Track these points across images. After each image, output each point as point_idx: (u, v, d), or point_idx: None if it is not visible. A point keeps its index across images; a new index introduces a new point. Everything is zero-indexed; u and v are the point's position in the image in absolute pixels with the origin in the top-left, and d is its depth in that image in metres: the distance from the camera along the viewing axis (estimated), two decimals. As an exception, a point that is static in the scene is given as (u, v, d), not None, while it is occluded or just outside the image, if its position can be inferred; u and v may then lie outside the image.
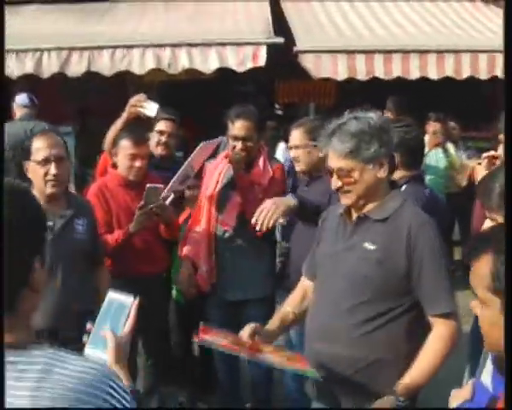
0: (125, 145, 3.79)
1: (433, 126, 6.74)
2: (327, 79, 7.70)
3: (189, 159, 3.70)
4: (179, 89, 8.58)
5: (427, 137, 6.17)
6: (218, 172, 3.85)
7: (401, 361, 2.34)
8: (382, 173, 2.40)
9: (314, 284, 2.61)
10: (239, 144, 3.74)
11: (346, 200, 2.45)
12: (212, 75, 7.43)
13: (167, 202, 3.75)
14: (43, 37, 7.21)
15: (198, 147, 3.70)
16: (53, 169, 3.09)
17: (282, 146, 7.41)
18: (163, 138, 4.28)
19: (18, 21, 7.69)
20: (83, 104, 9.05)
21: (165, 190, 3.68)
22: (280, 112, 10.35)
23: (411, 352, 2.32)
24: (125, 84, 8.48)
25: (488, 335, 1.35)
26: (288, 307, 2.72)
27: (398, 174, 3.05)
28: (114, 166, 3.95)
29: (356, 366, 2.39)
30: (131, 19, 7.94)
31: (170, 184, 3.68)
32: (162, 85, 8.82)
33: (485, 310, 1.32)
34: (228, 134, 3.85)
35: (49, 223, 3.18)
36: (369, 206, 2.44)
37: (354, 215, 2.47)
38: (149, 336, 4.02)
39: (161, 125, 4.39)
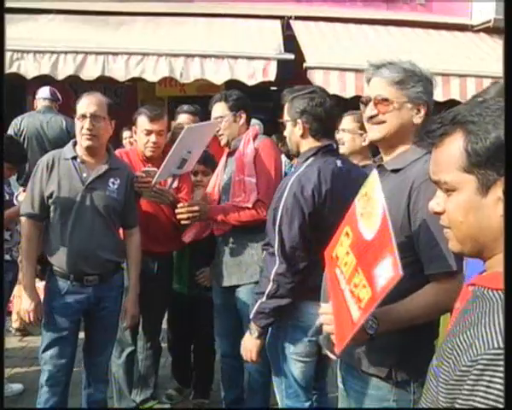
0: (141, 121, 3.92)
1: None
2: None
3: (178, 143, 3.51)
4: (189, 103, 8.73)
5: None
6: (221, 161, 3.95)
7: None
8: (418, 119, 2.32)
9: None
10: None
11: (375, 133, 2.36)
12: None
13: (168, 185, 3.75)
14: (60, 41, 7.39)
15: (184, 130, 3.51)
16: (86, 124, 3.34)
17: (283, 159, 7.53)
18: None
19: (35, 27, 7.92)
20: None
21: (157, 175, 3.59)
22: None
23: None
24: (136, 93, 8.71)
25: (463, 225, 1.21)
26: None
27: (305, 145, 2.98)
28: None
29: None
30: (146, 31, 8.14)
31: (160, 169, 3.59)
32: (172, 100, 9.01)
33: (457, 196, 1.20)
34: None
35: (84, 174, 3.37)
36: (392, 154, 2.36)
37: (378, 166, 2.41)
38: (152, 316, 4.11)
39: (182, 119, 4.51)
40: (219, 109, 3.77)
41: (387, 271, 1.81)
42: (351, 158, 3.77)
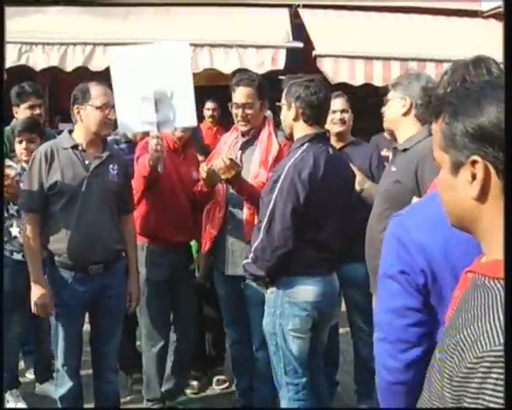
0: None
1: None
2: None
3: (112, 73, 3.47)
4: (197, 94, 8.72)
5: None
6: (227, 145, 3.83)
7: None
8: (403, 109, 3.09)
9: None
10: (239, 112, 3.67)
11: (384, 123, 3.30)
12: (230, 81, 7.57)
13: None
14: (68, 32, 7.40)
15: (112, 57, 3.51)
16: (112, 114, 3.42)
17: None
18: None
19: (44, 19, 7.92)
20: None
21: (119, 125, 3.57)
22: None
23: None
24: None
25: (443, 201, 1.28)
26: None
27: (298, 130, 3.23)
28: None
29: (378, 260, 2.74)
30: (154, 22, 8.12)
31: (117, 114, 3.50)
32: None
33: (441, 173, 1.27)
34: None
35: (86, 162, 3.38)
36: (401, 139, 3.14)
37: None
38: (181, 309, 4.09)
39: None
40: (247, 94, 3.66)
41: None
42: (341, 137, 4.16)
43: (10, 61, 6.96)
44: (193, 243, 4.19)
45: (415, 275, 1.67)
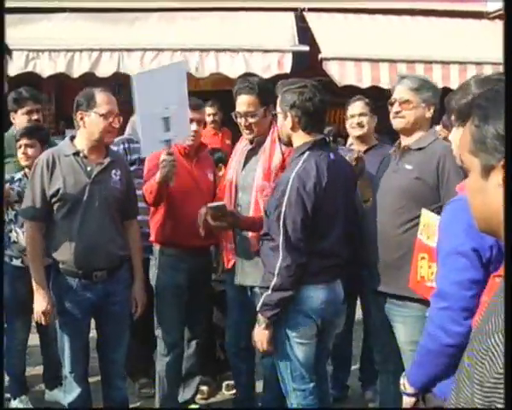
0: None
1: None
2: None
3: (135, 96, 3.31)
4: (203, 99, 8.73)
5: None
6: (237, 156, 3.76)
7: None
8: (428, 114, 3.23)
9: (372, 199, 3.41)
10: (242, 121, 3.57)
11: (399, 123, 3.25)
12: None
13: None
14: (75, 39, 7.43)
15: (133, 79, 3.35)
16: (116, 122, 3.41)
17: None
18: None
19: (50, 26, 7.96)
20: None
21: (142, 148, 3.57)
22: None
23: None
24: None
25: (472, 206, 1.25)
26: None
27: (297, 138, 3.13)
28: None
29: (393, 256, 3.15)
30: (160, 27, 8.15)
31: (141, 139, 3.47)
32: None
33: (470, 177, 1.26)
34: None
35: (88, 168, 3.38)
36: (411, 138, 3.22)
37: (401, 147, 3.27)
38: (196, 312, 4.06)
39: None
40: (248, 102, 3.54)
41: None
42: (363, 140, 4.29)
43: (17, 68, 6.99)
44: None
45: (484, 251, 1.95)
